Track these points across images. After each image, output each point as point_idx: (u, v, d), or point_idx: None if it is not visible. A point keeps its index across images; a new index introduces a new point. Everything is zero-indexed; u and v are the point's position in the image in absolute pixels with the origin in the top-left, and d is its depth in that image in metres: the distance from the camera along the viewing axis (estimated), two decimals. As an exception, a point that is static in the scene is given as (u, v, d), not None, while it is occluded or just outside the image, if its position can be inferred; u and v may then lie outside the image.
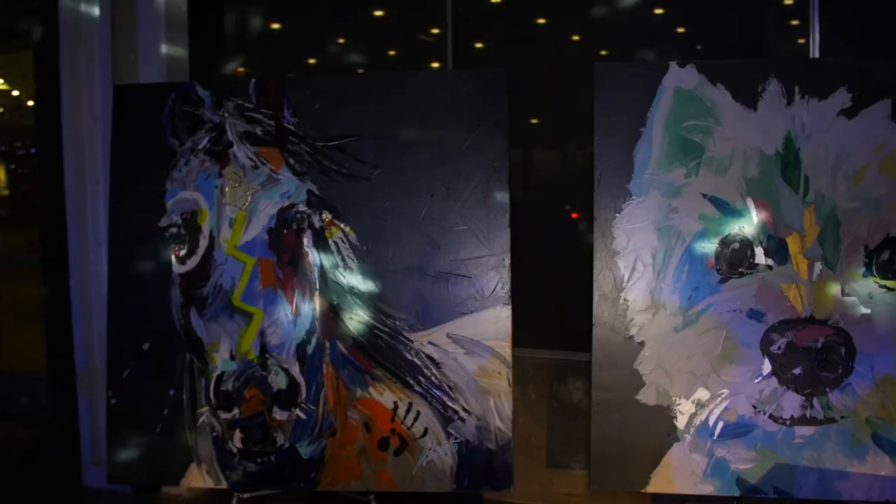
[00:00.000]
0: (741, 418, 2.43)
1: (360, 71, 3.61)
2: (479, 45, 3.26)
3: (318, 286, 2.56)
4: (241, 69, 3.79)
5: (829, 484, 2.41)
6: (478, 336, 2.52)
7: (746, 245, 2.44)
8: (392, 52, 3.35)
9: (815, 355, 2.40)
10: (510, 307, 2.51)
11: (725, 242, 2.46)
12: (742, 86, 2.48)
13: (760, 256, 2.44)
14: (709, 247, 2.46)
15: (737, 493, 2.43)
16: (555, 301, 2.50)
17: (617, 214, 2.48)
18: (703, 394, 2.44)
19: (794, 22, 2.92)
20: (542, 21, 3.14)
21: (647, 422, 2.44)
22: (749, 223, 2.45)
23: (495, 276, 2.53)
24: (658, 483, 2.44)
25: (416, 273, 2.55)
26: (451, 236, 2.55)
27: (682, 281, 2.45)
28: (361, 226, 2.57)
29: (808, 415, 2.42)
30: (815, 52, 2.70)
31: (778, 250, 2.43)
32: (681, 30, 2.96)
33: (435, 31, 3.20)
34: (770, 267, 2.43)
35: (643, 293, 2.46)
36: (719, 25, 2.96)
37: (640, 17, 2.99)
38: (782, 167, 2.45)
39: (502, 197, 2.53)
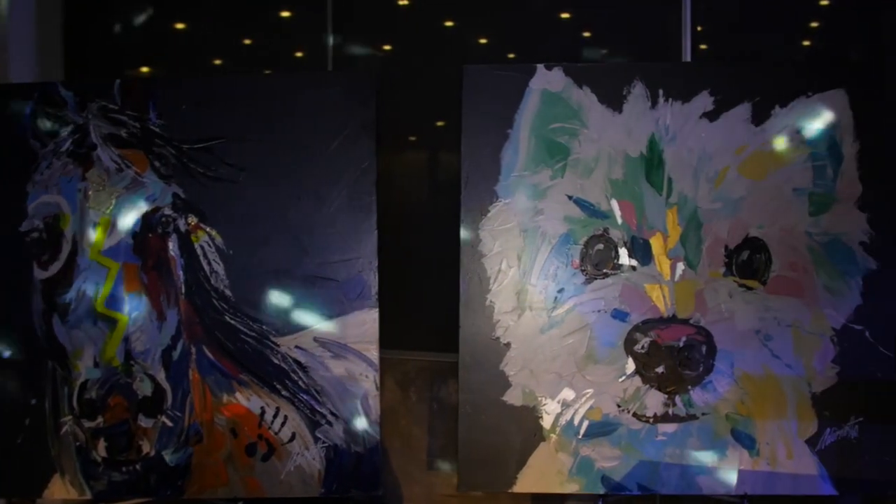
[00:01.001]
0: (606, 417, 2.53)
1: (268, 72, 3.62)
2: (387, 48, 3.30)
3: (183, 291, 2.59)
4: (144, 69, 3.77)
5: (690, 479, 2.52)
6: (345, 339, 2.58)
7: (611, 246, 2.53)
8: (299, 54, 3.37)
9: (677, 354, 2.50)
10: (377, 310, 2.57)
11: (590, 244, 2.54)
12: (608, 89, 2.57)
13: (624, 257, 2.53)
14: (574, 248, 2.53)
15: (602, 491, 2.53)
16: (435, 303, 2.56)
17: (483, 216, 2.54)
18: (568, 394, 2.53)
19: (699, 28, 3.01)
20: (449, 24, 3.19)
21: (514, 422, 2.53)
22: (613, 224, 2.54)
23: (363, 279, 2.58)
24: (525, 483, 2.53)
25: (283, 277, 2.59)
26: (319, 239, 2.60)
27: (548, 282, 2.53)
28: (228, 229, 2.60)
29: (670, 412, 2.52)
30: (686, 56, 2.79)
31: (641, 251, 2.53)
32: (587, 34, 3.04)
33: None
34: (634, 267, 2.53)
35: (509, 295, 2.54)
36: (624, 30, 3.04)
37: (547, 20, 3.06)
38: (646, 169, 2.54)
39: (370, 200, 2.58)
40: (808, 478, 2.54)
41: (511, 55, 3.11)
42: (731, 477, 2.54)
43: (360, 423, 2.61)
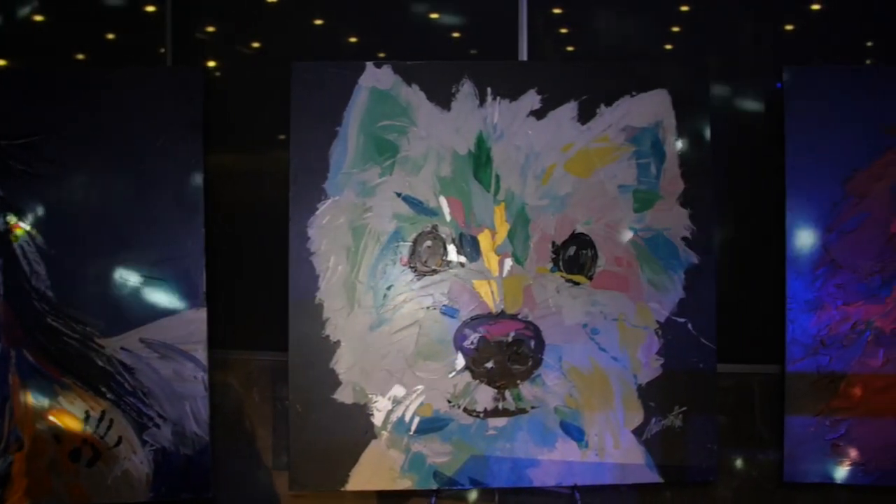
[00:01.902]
0: (437, 413, 2.60)
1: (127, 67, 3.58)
2: (257, 45, 3.31)
3: (2, 292, 2.57)
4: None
5: (521, 472, 2.62)
6: (172, 340, 2.59)
7: (439, 243, 2.61)
8: (162, 50, 3.36)
9: (506, 349, 2.59)
10: (205, 310, 2.59)
11: (419, 241, 2.61)
12: (437, 87, 2.65)
13: (453, 254, 2.61)
14: (403, 245, 2.60)
15: (434, 486, 2.60)
16: (277, 302, 2.59)
17: (312, 214, 2.58)
18: (398, 391, 2.59)
19: (563, 30, 3.10)
20: (319, 22, 3.22)
21: (346, 421, 2.58)
22: (442, 221, 2.61)
23: (190, 278, 2.60)
24: (357, 481, 2.59)
25: (107, 276, 2.60)
26: (144, 238, 2.62)
27: (377, 279, 2.60)
28: (49, 228, 2.59)
29: (500, 407, 2.61)
30: (523, 56, 2.88)
31: (470, 248, 2.61)
32: (456, 34, 3.10)
33: (211, 28, 3.22)
34: (462, 264, 2.61)
35: (339, 292, 2.60)
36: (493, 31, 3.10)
37: (420, 19, 3.10)
38: (474, 166, 2.62)
39: (196, 198, 2.60)
40: (635, 466, 2.66)
41: (381, 54, 3.16)
42: (560, 468, 2.64)
43: (190, 425, 2.63)
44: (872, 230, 2.64)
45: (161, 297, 2.58)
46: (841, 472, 2.67)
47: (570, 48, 3.04)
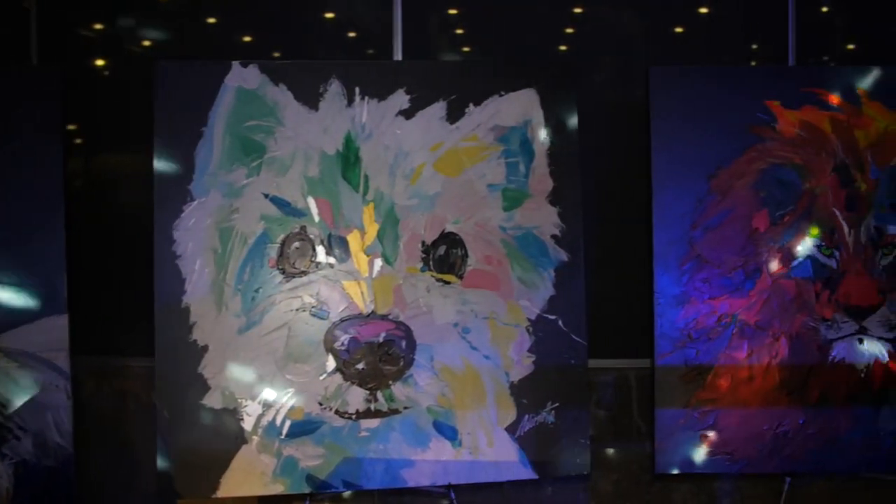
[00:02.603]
0: (308, 416, 2.63)
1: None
2: (147, 43, 3.28)
3: None
4: None
5: (395, 473, 2.66)
6: (32, 347, 2.57)
7: (308, 244, 2.64)
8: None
9: (377, 350, 2.63)
10: (66, 315, 2.58)
11: (287, 242, 2.64)
12: (304, 86, 2.68)
13: (322, 255, 2.64)
14: (271, 247, 2.62)
15: (307, 490, 2.62)
16: (146, 307, 2.58)
17: (178, 217, 2.58)
18: (269, 394, 2.62)
19: (459, 31, 3.15)
20: (212, 21, 3.21)
21: (215, 426, 2.60)
22: (311, 222, 2.65)
23: (51, 284, 2.58)
24: (228, 487, 2.61)
25: (-39, 284, 2.56)
26: (1, 241, 2.58)
27: (245, 282, 2.62)
28: None
29: (372, 408, 2.65)
30: (397, 55, 2.93)
31: (339, 248, 2.65)
32: (352, 34, 3.12)
33: (98, 26, 3.19)
34: (332, 265, 2.64)
35: (206, 296, 2.60)
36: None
37: (310, 18, 3.12)
38: (343, 166, 2.66)
39: (56, 200, 2.59)
40: (509, 464, 2.73)
41: (276, 54, 3.18)
42: (435, 468, 2.69)
43: (52, 436, 2.62)
44: (735, 226, 2.76)
45: (20, 303, 2.56)
46: (710, 462, 2.76)
47: (465, 48, 3.10)
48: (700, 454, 2.77)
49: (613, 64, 3.15)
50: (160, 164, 2.64)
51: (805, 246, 2.76)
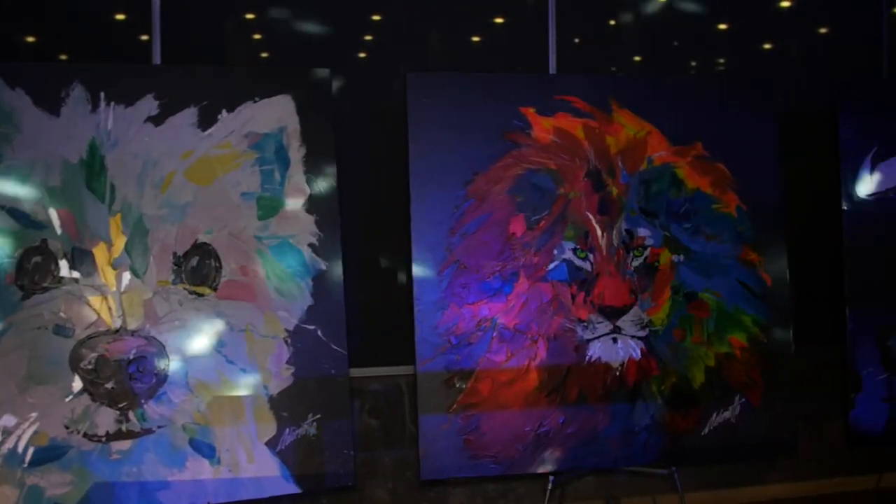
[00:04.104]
0: (53, 441, 2.86)
1: None
2: (32, 39, 3.37)
3: None
4: None
5: (150, 496, 2.94)
6: None
7: (49, 258, 2.87)
8: None
9: (126, 367, 2.87)
10: None
11: (27, 256, 2.84)
12: (44, 91, 2.92)
13: (65, 269, 2.86)
14: (8, 262, 2.82)
15: (53, 520, 2.83)
16: None
17: None
18: (9, 420, 2.82)
19: (256, 36, 3.42)
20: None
21: (-53, 456, 2.74)
22: (52, 235, 2.89)
23: None
24: (-38, 521, 2.76)
25: None
26: None
27: (-22, 301, 2.78)
28: None
29: (123, 429, 2.91)
30: (156, 59, 3.20)
31: (84, 262, 2.89)
32: (144, 37, 3.31)
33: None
34: (76, 279, 2.86)
35: (-67, 317, 2.75)
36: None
37: (106, 21, 3.28)
38: (87, 175, 2.91)
39: None
40: (270, 479, 3.06)
41: (63, 56, 3.35)
42: (192, 488, 2.98)
43: None
44: (493, 231, 3.22)
45: None
46: (474, 465, 3.21)
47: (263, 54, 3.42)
48: (464, 458, 3.20)
49: (372, 70, 3.57)
50: None
51: (560, 249, 3.26)
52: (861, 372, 3.57)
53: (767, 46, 4.27)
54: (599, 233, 3.27)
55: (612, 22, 4.03)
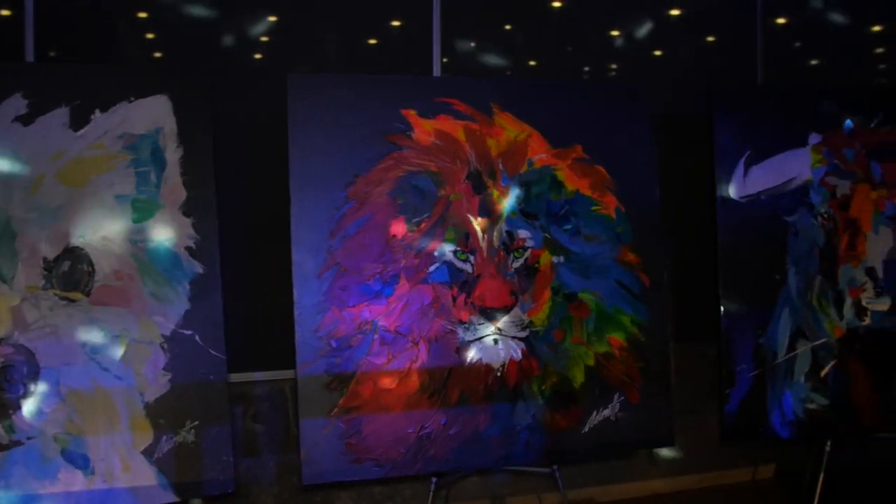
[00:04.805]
0: (-87, 454, 2.85)
1: None
2: None
3: None
4: None
5: (15, 512, 2.96)
6: None
7: None
8: None
9: (-6, 377, 2.92)
10: None
11: None
12: None
13: (-74, 276, 2.89)
14: None
15: (-86, 538, 2.86)
16: None
17: None
18: None
19: (149, 35, 3.48)
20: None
21: None
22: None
23: None
24: None
25: None
26: None
27: None
28: None
29: (-9, 440, 2.93)
30: (29, 56, 3.26)
31: (-54, 268, 2.90)
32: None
33: None
34: (-62, 286, 2.90)
35: None
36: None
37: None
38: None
39: None
40: (147, 488, 3.15)
41: None
42: (65, 500, 3.05)
43: None
44: (373, 233, 3.40)
45: None
46: (356, 469, 3.38)
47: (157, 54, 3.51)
48: (346, 462, 3.38)
49: (252, 70, 3.73)
50: None
51: (441, 251, 3.47)
52: (735, 368, 3.90)
53: (657, 53, 4.58)
54: (480, 235, 3.48)
55: (508, 27, 4.25)
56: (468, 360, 3.39)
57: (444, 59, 3.92)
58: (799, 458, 4.36)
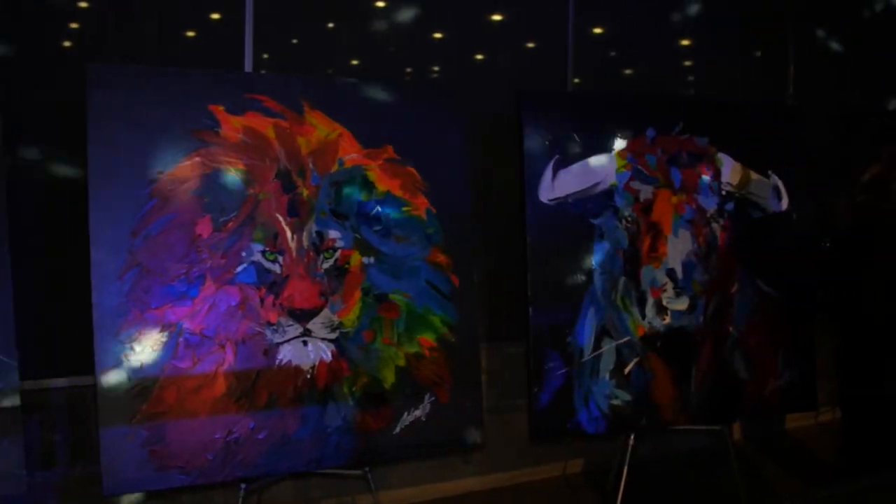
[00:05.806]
0: None
1: None
2: None
3: None
4: None
5: None
6: None
7: None
8: None
9: None
10: None
11: None
12: None
13: None
14: None
15: None
16: None
17: None
18: None
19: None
20: None
21: None
22: None
23: None
24: None
25: None
26: None
27: None
28: None
29: None
30: None
31: None
32: None
33: None
34: None
35: None
36: None
37: None
38: None
39: None
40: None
41: None
42: None
43: None
44: (178, 233, 3.36)
45: None
46: (161, 477, 3.33)
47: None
48: (150, 470, 3.33)
49: (62, 61, 3.62)
50: None
51: (249, 251, 3.48)
52: (544, 367, 4.10)
53: (479, 57, 4.75)
54: (289, 234, 3.52)
55: (331, 25, 4.31)
56: (277, 362, 3.43)
57: (265, 56, 3.90)
58: (606, 451, 4.61)
